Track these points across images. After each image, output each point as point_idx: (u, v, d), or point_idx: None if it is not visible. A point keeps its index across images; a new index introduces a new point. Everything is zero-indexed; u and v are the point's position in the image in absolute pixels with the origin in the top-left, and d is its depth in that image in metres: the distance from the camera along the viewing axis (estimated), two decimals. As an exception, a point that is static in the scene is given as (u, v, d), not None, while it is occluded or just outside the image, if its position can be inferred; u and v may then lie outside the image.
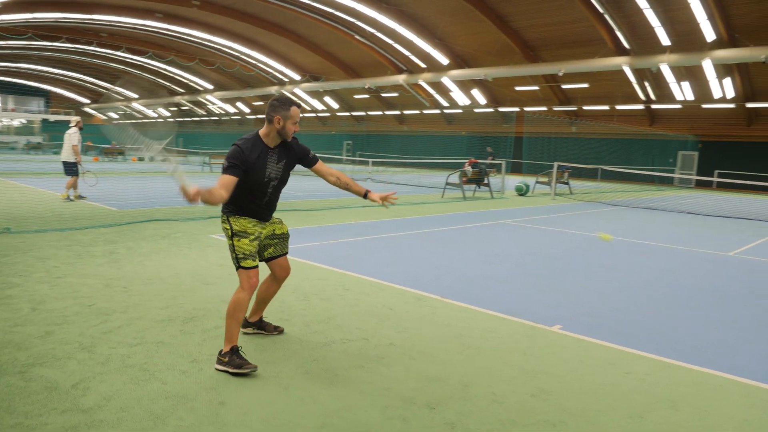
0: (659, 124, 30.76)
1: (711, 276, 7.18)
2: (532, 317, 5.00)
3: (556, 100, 33.82)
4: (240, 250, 3.64)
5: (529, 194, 18.95)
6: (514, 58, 30.48)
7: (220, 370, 3.54)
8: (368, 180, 23.43)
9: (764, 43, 22.43)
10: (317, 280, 5.95)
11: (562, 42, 28.47)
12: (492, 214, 13.06)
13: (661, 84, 28.08)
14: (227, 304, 4.84)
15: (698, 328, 4.93)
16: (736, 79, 25.75)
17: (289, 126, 3.60)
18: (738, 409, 3.40)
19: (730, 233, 11.50)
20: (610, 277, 6.84)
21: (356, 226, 10.03)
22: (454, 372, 3.74)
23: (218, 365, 3.56)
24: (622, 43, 25.87)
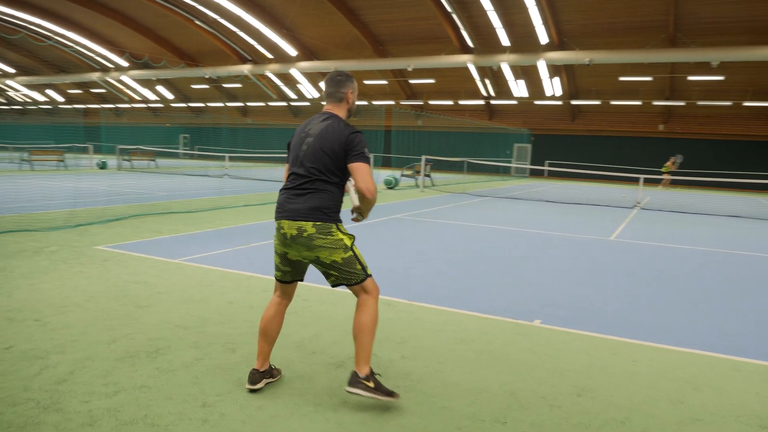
0: (497, 118, 33.28)
1: (617, 259, 7.80)
2: (509, 314, 4.98)
3: (403, 95, 34.92)
4: (362, 258, 3.18)
5: (397, 188, 19.27)
6: (364, 52, 30.83)
7: (366, 396, 3.00)
8: (225, 176, 22.13)
9: (588, 48, 25.29)
10: (263, 292, 5.35)
11: (411, 38, 29.39)
12: (381, 209, 13.00)
13: (500, 81, 30.36)
14: (182, 328, 4.18)
15: (653, 310, 5.27)
16: (563, 79, 28.73)
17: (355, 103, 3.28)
18: (742, 383, 3.64)
19: (597, 219, 12.72)
20: (540, 267, 7.10)
21: (254, 227, 9.32)
22: (487, 379, 3.57)
23: (362, 391, 2.99)
24: (467, 41, 27.43)
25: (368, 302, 3.10)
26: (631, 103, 28.95)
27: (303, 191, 3.07)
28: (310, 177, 3.06)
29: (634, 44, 24.63)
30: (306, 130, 3.16)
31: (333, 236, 3.05)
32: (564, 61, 25.59)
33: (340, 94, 3.17)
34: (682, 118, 29.26)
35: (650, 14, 23.28)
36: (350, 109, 3.24)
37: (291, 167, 3.19)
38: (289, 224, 3.06)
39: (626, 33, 24.62)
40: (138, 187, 16.07)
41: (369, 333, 3.05)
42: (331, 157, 3.04)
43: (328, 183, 3.06)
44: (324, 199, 3.04)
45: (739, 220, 13.74)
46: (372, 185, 2.99)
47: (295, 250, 3.11)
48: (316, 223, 3.02)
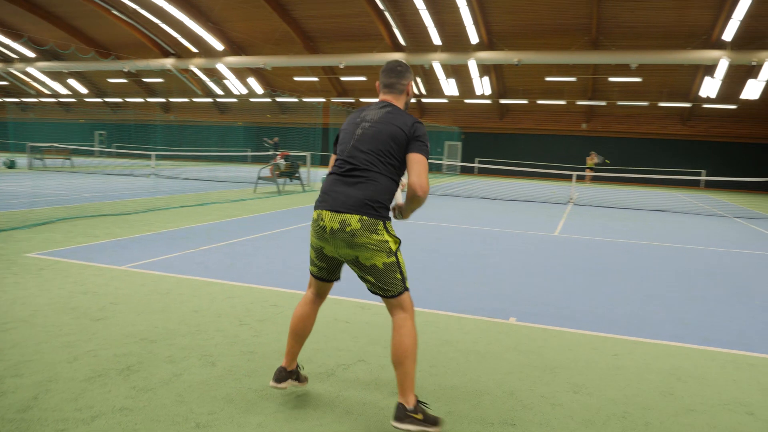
0: (428, 116, 33.66)
1: (567, 255, 8.01)
2: (483, 313, 4.96)
3: (334, 92, 34.63)
4: (405, 267, 2.83)
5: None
6: (294, 48, 30.31)
7: (415, 431, 2.65)
8: (152, 176, 21.08)
9: (516, 48, 26.04)
10: (228, 299, 5.06)
11: (342, 35, 29.16)
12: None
13: (432, 80, 30.72)
14: (149, 342, 3.87)
15: (617, 304, 5.42)
16: (492, 78, 29.46)
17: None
18: (719, 372, 3.79)
19: (536, 215, 13.08)
20: (498, 264, 7.16)
21: (198, 230, 8.86)
22: (483, 380, 3.51)
23: (412, 426, 2.65)
24: (399, 40, 27.54)
25: (406, 323, 2.75)
26: (556, 103, 30.11)
27: (353, 179, 2.75)
28: (363, 165, 2.75)
29: (559, 46, 25.61)
30: (361, 116, 2.89)
31: (379, 235, 2.70)
32: (493, 61, 26.20)
33: (401, 86, 2.95)
34: (604, 117, 30.76)
35: (575, 17, 24.28)
36: (407, 103, 3.02)
37: (340, 155, 2.87)
38: (331, 216, 2.73)
39: (552, 35, 25.55)
40: (59, 187, 14.97)
41: (412, 357, 2.70)
42: (394, 143, 2.75)
43: (383, 174, 2.75)
44: (377, 192, 2.72)
45: (664, 214, 14.56)
46: (426, 183, 2.71)
47: (333, 246, 2.78)
48: (363, 218, 2.68)
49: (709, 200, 21.17)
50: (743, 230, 11.81)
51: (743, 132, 28.58)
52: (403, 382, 2.70)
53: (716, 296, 5.95)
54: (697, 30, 23.38)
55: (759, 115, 27.87)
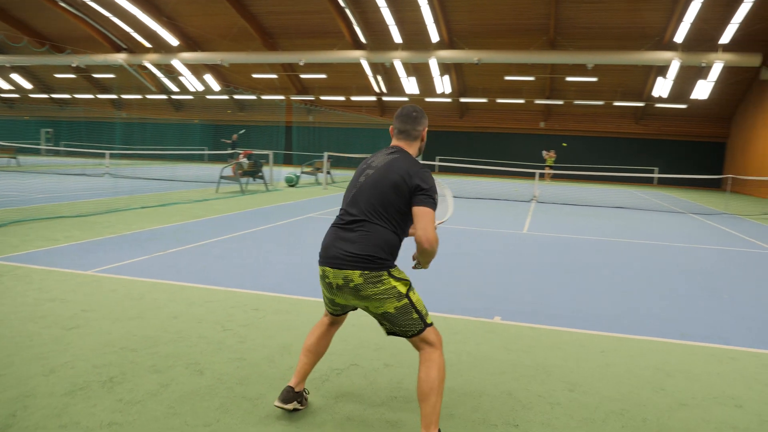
0: (389, 115, 33.65)
1: (540, 252, 8.11)
2: (468, 312, 4.95)
3: (294, 90, 34.22)
4: (422, 305, 2.73)
5: (298, 185, 18.79)
6: (253, 44, 29.77)
7: None
8: (105, 175, 20.35)
9: (476, 47, 26.29)
10: (207, 303, 4.88)
11: (302, 32, 28.82)
12: (292, 208, 12.58)
13: (392, 78, 30.70)
14: (129, 351, 3.72)
15: (596, 300, 5.50)
16: (453, 77, 29.66)
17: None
18: (703, 366, 3.87)
19: (502, 213, 13.22)
20: (474, 263, 7.19)
21: (163, 231, 8.57)
22: (478, 381, 3.49)
23: None
24: (360, 37, 27.41)
25: (433, 356, 2.65)
26: (515, 102, 30.57)
27: (352, 232, 2.69)
28: (362, 216, 2.69)
29: (518, 46, 25.98)
30: (368, 163, 2.84)
31: (384, 285, 2.63)
32: (454, 60, 26.40)
33: (416, 132, 2.85)
34: (561, 116, 31.41)
35: (533, 18, 24.67)
36: (420, 148, 2.92)
37: (343, 203, 2.83)
38: (334, 273, 2.67)
39: (511, 35, 25.89)
40: (7, 188, 14.25)
41: (438, 392, 2.60)
42: (395, 193, 2.65)
43: (382, 225, 2.67)
44: (377, 244, 2.64)
45: (624, 211, 14.95)
46: (433, 236, 2.59)
47: (343, 299, 2.75)
48: (364, 272, 2.61)
49: (663, 197, 21.88)
50: (700, 226, 12.23)
51: (693, 131, 29.68)
52: (428, 416, 2.60)
53: (687, 292, 6.11)
54: (650, 32, 24.12)
55: (708, 115, 29.00)
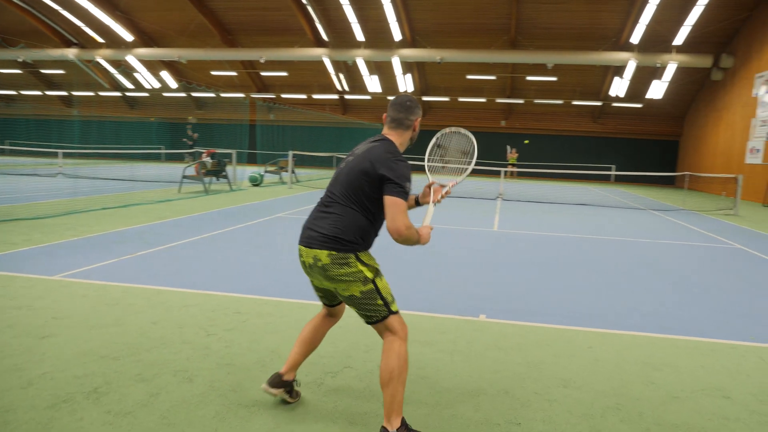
0: (351, 113, 33.53)
1: (513, 249, 8.19)
2: (453, 311, 4.94)
3: (254, 87, 33.69)
4: (387, 292, 2.76)
5: (262, 185, 18.49)
6: (211, 40, 29.19)
7: None
8: (59, 175, 19.58)
9: (439, 46, 26.44)
10: (186, 308, 4.72)
11: (262, 28, 28.40)
12: (258, 207, 12.37)
13: (355, 76, 30.57)
14: (111, 359, 3.60)
15: (576, 296, 5.57)
16: (415, 76, 29.74)
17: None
18: (687, 359, 3.97)
19: (470, 210, 13.31)
20: (451, 260, 7.20)
21: (129, 233, 8.29)
22: (475, 380, 3.48)
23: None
24: (321, 35, 27.18)
25: (394, 345, 2.69)
26: (476, 100, 30.89)
27: (326, 213, 2.76)
28: (336, 199, 2.76)
29: (480, 45, 26.25)
30: (353, 150, 2.90)
31: (351, 267, 2.67)
32: (416, 59, 26.49)
33: (408, 122, 2.87)
34: (522, 115, 31.91)
35: (495, 18, 24.96)
36: (412, 138, 2.96)
37: (327, 186, 2.91)
38: (306, 252, 2.74)
39: (473, 34, 26.14)
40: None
41: (399, 380, 2.64)
42: (366, 178, 2.69)
43: (353, 208, 2.72)
44: (345, 226, 2.69)
45: (587, 208, 15.28)
46: (401, 226, 2.60)
47: (317, 280, 2.82)
48: (332, 253, 2.67)
49: (621, 194, 22.49)
50: (660, 222, 12.60)
51: (648, 129, 30.63)
52: (388, 404, 2.64)
53: (659, 286, 6.26)
54: (608, 33, 24.74)
55: (662, 114, 29.96)
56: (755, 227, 12.20)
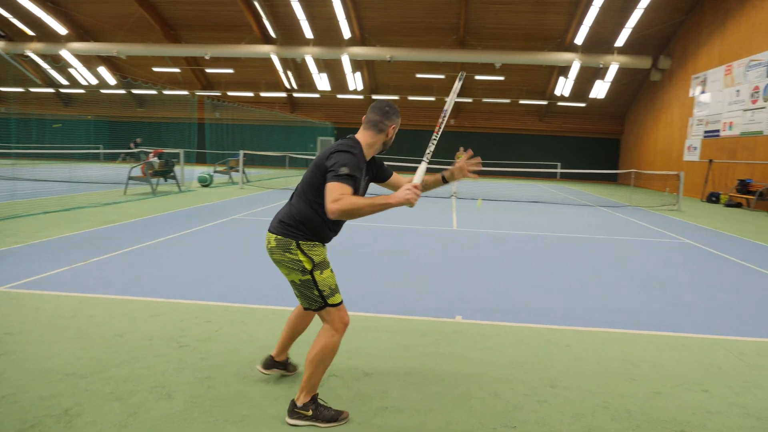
0: (300, 111, 33.10)
1: (477, 248, 8.24)
2: (428, 313, 4.90)
3: (198, 85, 32.76)
4: (326, 285, 2.90)
5: (212, 185, 17.96)
6: (153, 35, 28.20)
7: (305, 425, 2.86)
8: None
9: (388, 45, 26.45)
10: (152, 318, 4.49)
11: (207, 24, 27.63)
12: (210, 209, 11.99)
13: (303, 74, 30.20)
14: (78, 377, 3.43)
15: (545, 294, 5.63)
16: (364, 74, 29.63)
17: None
18: (663, 354, 4.06)
19: (427, 209, 13.34)
20: (417, 261, 7.16)
21: (76, 239, 7.85)
22: (463, 384, 3.44)
23: (300, 421, 2.87)
24: (269, 32, 26.69)
25: (325, 333, 2.89)
26: (426, 99, 31.08)
27: (287, 206, 3.01)
28: (296, 192, 2.98)
29: (429, 44, 26.43)
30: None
31: (292, 255, 2.87)
32: (366, 57, 26.41)
33: (382, 125, 2.95)
34: (470, 114, 32.34)
35: (444, 17, 25.17)
36: (385, 143, 3.04)
37: None
38: (267, 235, 3.00)
39: (422, 33, 26.28)
40: None
41: (319, 366, 2.87)
42: (317, 174, 2.83)
43: (303, 200, 2.90)
44: (293, 214, 2.90)
45: (540, 205, 15.62)
46: (333, 206, 2.58)
47: (275, 263, 2.98)
48: (278, 237, 2.90)
49: (569, 191, 23.13)
50: (611, 218, 13.01)
51: (591, 128, 31.65)
52: (305, 382, 2.89)
53: (622, 282, 6.42)
54: (553, 34, 25.39)
55: (605, 113, 31.01)
56: (697, 222, 12.77)
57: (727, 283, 6.50)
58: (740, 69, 18.27)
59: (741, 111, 18.13)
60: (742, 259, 8.06)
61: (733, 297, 5.87)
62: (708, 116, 20.36)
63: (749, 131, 17.63)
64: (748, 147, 17.70)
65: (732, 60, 18.90)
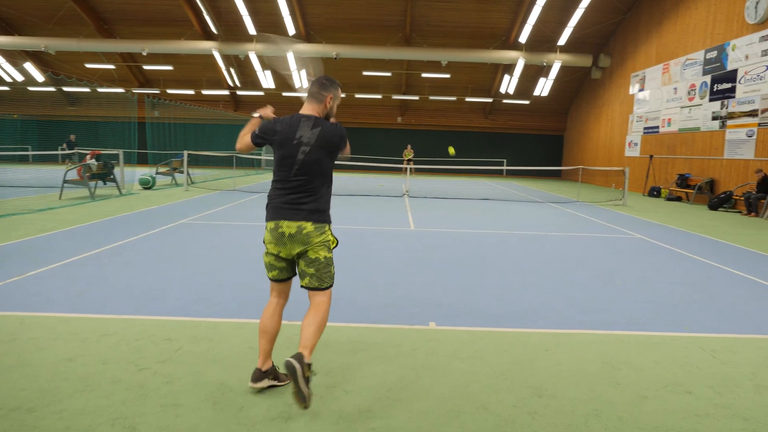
0: (244, 109, 32.25)
1: (437, 249, 8.12)
2: (399, 320, 4.73)
3: (136, 82, 31.40)
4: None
5: (155, 187, 17.18)
6: (84, 30, 26.80)
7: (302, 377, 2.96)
8: None
9: (334, 42, 26.11)
10: (104, 338, 4.13)
11: (143, 18, 26.46)
12: (156, 213, 11.40)
13: (247, 71, 29.44)
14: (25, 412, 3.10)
15: (514, 296, 5.56)
16: (310, 71, 29.12)
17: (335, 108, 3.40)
18: (640, 355, 4.04)
19: (381, 209, 13.18)
20: (378, 264, 6.97)
21: (9, 249, 7.27)
22: (449, 398, 3.28)
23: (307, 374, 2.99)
24: (210, 27, 25.84)
25: (323, 308, 3.25)
26: (372, 97, 30.89)
27: (307, 200, 3.23)
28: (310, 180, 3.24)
29: (375, 41, 26.25)
30: (297, 138, 3.21)
31: (324, 235, 3.27)
32: (311, 54, 25.96)
33: (320, 96, 3.30)
34: (417, 111, 32.39)
35: (389, 14, 25.03)
36: (328, 114, 3.36)
37: (283, 170, 3.24)
38: (288, 224, 3.20)
39: (369, 30, 26.07)
40: None
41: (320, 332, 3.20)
42: (331, 158, 3.30)
43: (327, 186, 3.33)
44: (326, 202, 3.32)
45: (492, 202, 15.72)
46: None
47: (289, 249, 3.23)
48: (315, 224, 3.22)
49: (517, 187, 23.49)
50: (562, 214, 13.22)
51: (536, 125, 32.31)
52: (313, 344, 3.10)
53: (585, 280, 6.44)
54: (498, 32, 25.71)
55: (548, 110, 31.71)
56: (644, 216, 13.16)
57: (684, 278, 6.64)
58: (677, 68, 19.02)
59: (679, 108, 18.88)
60: (693, 253, 8.30)
61: (692, 292, 5.98)
62: (647, 113, 21.12)
63: (687, 127, 18.38)
64: (687, 142, 18.45)
65: (669, 59, 19.65)
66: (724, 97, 16.35)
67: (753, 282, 6.55)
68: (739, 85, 15.68)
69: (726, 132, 16.23)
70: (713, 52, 16.95)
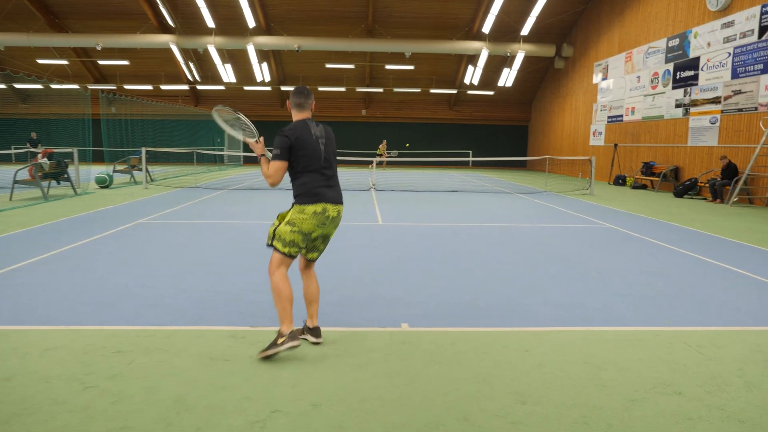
0: (204, 104, 31.43)
1: (406, 245, 7.89)
2: (370, 323, 4.47)
3: (91, 78, 30.26)
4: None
5: (112, 186, 16.50)
6: (34, 24, 25.66)
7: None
8: None
9: (295, 34, 25.60)
10: (47, 352, 3.78)
11: (96, 12, 25.48)
12: (112, 213, 10.86)
13: (206, 65, 28.67)
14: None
15: (488, 294, 5.36)
16: (272, 65, 28.56)
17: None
18: (623, 353, 3.88)
19: (347, 203, 12.87)
20: (345, 261, 6.70)
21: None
22: (427, 409, 3.02)
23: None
24: (167, 20, 25.01)
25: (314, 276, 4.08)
26: (336, 90, 30.47)
27: (335, 182, 3.88)
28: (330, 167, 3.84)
29: (338, 33, 25.83)
30: (314, 134, 3.76)
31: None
32: (272, 47, 25.41)
33: (308, 104, 3.86)
34: (381, 104, 32.09)
35: (351, 5, 24.64)
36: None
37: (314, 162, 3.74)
38: (333, 207, 3.77)
39: (330, 22, 25.63)
40: None
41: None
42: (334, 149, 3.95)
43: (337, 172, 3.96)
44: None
45: (460, 194, 15.58)
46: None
47: (328, 230, 3.82)
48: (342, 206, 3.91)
49: (484, 179, 23.46)
50: (531, 205, 13.15)
51: (500, 115, 32.39)
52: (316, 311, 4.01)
53: (558, 273, 6.29)
54: (460, 22, 25.57)
55: (512, 101, 31.81)
56: (611, 205, 13.20)
57: (659, 268, 6.55)
58: (640, 56, 19.19)
59: (642, 96, 19.06)
60: (665, 241, 8.26)
61: (669, 282, 5.88)
62: (611, 102, 21.29)
63: (650, 116, 18.58)
64: (650, 131, 18.65)
65: (631, 47, 19.81)
66: (687, 84, 16.55)
67: (726, 270, 6.51)
68: (701, 72, 15.88)
69: (689, 119, 16.44)
70: (675, 39, 17.13)
